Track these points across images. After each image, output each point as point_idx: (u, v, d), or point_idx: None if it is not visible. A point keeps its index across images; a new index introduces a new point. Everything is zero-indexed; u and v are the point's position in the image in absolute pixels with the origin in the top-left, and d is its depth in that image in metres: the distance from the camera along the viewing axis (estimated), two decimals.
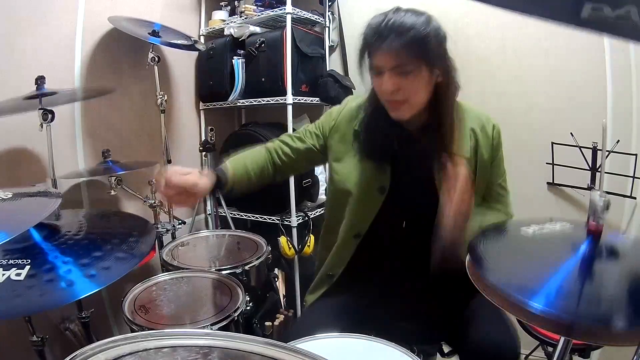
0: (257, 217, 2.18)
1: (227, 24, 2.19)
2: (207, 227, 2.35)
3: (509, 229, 0.92)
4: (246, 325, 1.25)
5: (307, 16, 2.14)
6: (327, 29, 2.26)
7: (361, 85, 1.15)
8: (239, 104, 2.17)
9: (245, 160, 1.14)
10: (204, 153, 2.20)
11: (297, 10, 2.04)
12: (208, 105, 2.32)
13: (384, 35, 0.94)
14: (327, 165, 1.24)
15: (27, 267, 0.77)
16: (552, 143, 1.76)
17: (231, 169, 1.09)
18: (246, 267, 1.44)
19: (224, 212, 2.19)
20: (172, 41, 1.86)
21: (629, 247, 0.80)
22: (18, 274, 0.75)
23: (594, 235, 0.75)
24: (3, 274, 0.75)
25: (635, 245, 0.84)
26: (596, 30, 0.38)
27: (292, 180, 2.01)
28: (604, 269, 0.73)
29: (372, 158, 1.10)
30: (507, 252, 0.83)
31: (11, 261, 0.78)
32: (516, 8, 0.43)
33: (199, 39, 2.29)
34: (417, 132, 1.08)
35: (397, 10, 0.97)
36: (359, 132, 1.13)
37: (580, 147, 1.67)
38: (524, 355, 1.67)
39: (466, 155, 1.06)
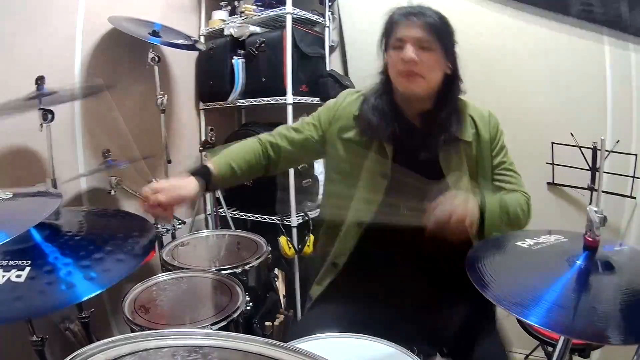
0: (257, 217, 2.18)
1: (227, 24, 2.19)
2: (207, 227, 2.35)
3: (507, 242, 0.92)
4: (246, 325, 1.26)
5: (307, 16, 2.13)
6: (327, 29, 2.26)
7: (361, 85, 1.16)
8: (239, 104, 2.17)
9: (231, 157, 1.15)
10: (204, 153, 2.20)
11: (297, 10, 2.04)
12: (208, 105, 2.32)
13: (412, 13, 1.04)
14: (326, 160, 1.25)
15: (28, 268, 0.77)
16: (552, 143, 1.76)
17: (215, 168, 1.11)
18: (246, 267, 1.44)
19: (224, 212, 2.19)
20: (172, 41, 1.86)
21: (625, 260, 0.80)
22: (18, 276, 0.75)
23: (591, 249, 0.76)
24: (3, 276, 0.75)
25: (631, 257, 0.84)
26: (583, 21, 0.38)
27: (292, 180, 2.01)
28: (600, 283, 0.73)
29: (372, 139, 1.12)
30: (503, 265, 0.83)
31: (11, 262, 0.78)
32: None
33: (199, 39, 2.29)
34: (417, 118, 1.12)
35: (422, 5, 1.08)
36: (359, 117, 1.15)
37: (580, 147, 1.67)
38: (524, 356, 1.68)
39: (468, 139, 1.11)
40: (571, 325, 0.63)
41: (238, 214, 2.24)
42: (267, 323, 1.65)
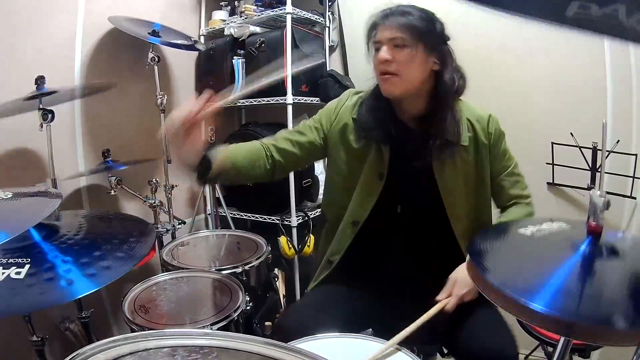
0: (257, 217, 2.18)
1: (227, 23, 2.19)
2: (207, 227, 2.35)
3: (508, 230, 0.92)
4: (246, 325, 1.25)
5: (307, 16, 2.14)
6: (327, 29, 2.26)
7: (361, 85, 1.17)
8: (239, 104, 2.17)
9: (237, 154, 1.12)
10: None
11: (297, 10, 2.04)
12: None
13: (387, 15, 1.06)
14: (326, 161, 1.25)
15: (27, 266, 0.77)
16: (552, 143, 1.76)
17: (220, 158, 1.06)
18: (246, 267, 1.44)
19: (224, 212, 2.19)
20: (172, 41, 1.86)
21: (629, 246, 0.80)
22: (18, 273, 0.75)
23: (594, 234, 0.75)
24: (3, 273, 0.75)
25: (635, 244, 0.84)
26: (580, 28, 0.38)
27: (292, 180, 2.01)
28: (604, 268, 0.72)
29: (369, 142, 1.13)
30: (507, 252, 0.83)
31: (11, 260, 0.78)
32: (500, 5, 0.43)
33: (199, 39, 2.29)
34: (414, 120, 1.12)
35: (403, 4, 1.07)
36: (357, 119, 1.15)
37: (580, 147, 1.67)
38: (523, 355, 1.67)
39: (464, 143, 1.10)
40: (577, 310, 0.63)
41: (238, 214, 2.24)
42: (267, 323, 1.64)
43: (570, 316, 0.61)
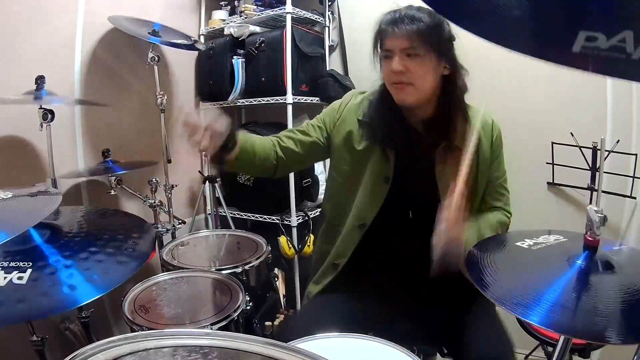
0: (257, 217, 2.18)
1: (227, 23, 2.19)
2: (207, 227, 2.35)
3: (507, 242, 0.92)
4: (246, 325, 1.25)
5: (307, 16, 2.14)
6: (327, 28, 2.26)
7: (361, 85, 1.16)
8: (239, 104, 2.17)
9: (254, 139, 1.14)
10: (203, 153, 2.19)
11: (297, 10, 2.04)
12: (208, 105, 2.32)
13: (397, 21, 1.01)
14: (327, 162, 1.25)
15: (29, 270, 0.76)
16: (552, 143, 1.76)
17: (241, 138, 1.08)
18: (246, 267, 1.44)
19: (224, 212, 2.19)
20: (172, 41, 1.86)
21: (624, 260, 0.80)
22: (20, 277, 0.75)
23: (591, 249, 0.75)
24: (5, 277, 0.74)
25: (630, 257, 0.85)
26: (588, 64, 0.37)
27: (292, 180, 2.01)
28: (599, 282, 0.73)
29: (375, 145, 1.12)
30: (504, 266, 0.83)
31: (12, 264, 0.78)
32: (506, 44, 0.42)
33: (199, 38, 2.29)
34: (421, 124, 1.12)
35: (410, 6, 1.04)
36: (363, 122, 1.15)
37: (580, 147, 1.67)
38: (524, 355, 1.67)
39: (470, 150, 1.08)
40: (572, 325, 0.63)
41: (238, 214, 2.24)
42: (267, 323, 1.65)
43: (565, 331, 0.63)
